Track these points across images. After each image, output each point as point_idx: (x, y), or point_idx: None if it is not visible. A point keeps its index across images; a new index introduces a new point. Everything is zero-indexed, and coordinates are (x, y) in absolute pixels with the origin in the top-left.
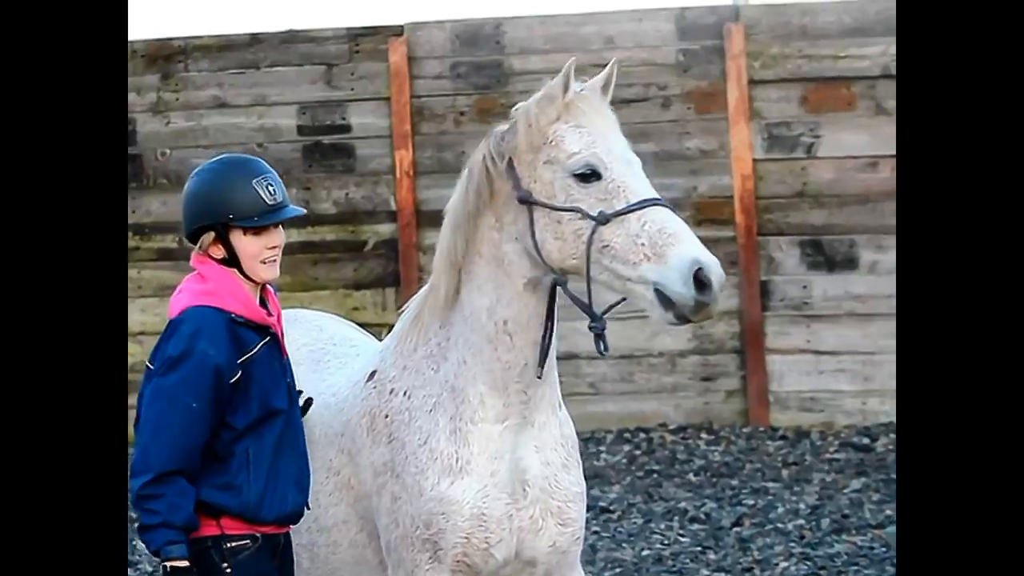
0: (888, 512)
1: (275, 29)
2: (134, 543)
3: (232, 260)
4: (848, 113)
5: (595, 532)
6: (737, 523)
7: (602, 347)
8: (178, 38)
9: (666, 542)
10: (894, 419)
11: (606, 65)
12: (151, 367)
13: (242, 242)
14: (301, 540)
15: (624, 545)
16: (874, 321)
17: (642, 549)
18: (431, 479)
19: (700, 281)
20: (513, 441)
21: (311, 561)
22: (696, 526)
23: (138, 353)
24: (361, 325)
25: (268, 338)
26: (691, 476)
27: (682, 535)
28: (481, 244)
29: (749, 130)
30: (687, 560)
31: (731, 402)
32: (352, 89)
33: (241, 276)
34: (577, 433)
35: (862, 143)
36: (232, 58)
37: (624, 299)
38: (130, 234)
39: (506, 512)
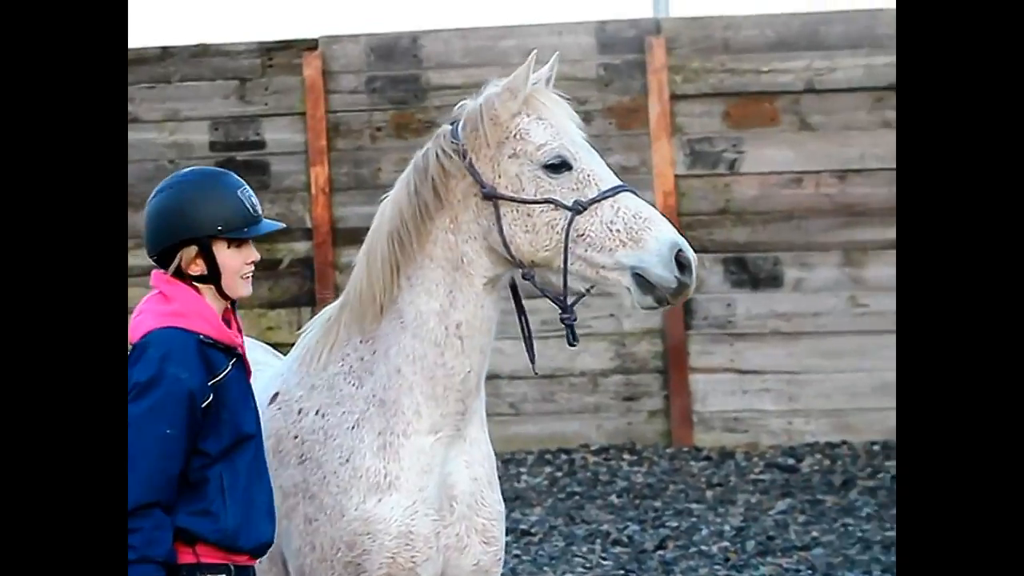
0: (814, 534)
1: (187, 43)
2: None
3: (211, 277)
4: (771, 128)
5: (516, 555)
6: (660, 546)
7: (571, 338)
8: None
9: (588, 565)
10: (819, 439)
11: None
12: None
13: (225, 256)
14: None
15: (545, 568)
16: (799, 340)
17: (564, 573)
18: (355, 498)
19: (680, 263)
20: (443, 454)
21: None
22: (619, 549)
23: None
24: (275, 345)
25: (235, 359)
26: (613, 498)
27: (604, 558)
28: (433, 248)
29: (671, 146)
30: None
31: (654, 422)
32: (266, 104)
33: (210, 295)
34: (497, 455)
35: (786, 159)
36: (143, 72)
37: (591, 288)
38: None
39: (433, 529)
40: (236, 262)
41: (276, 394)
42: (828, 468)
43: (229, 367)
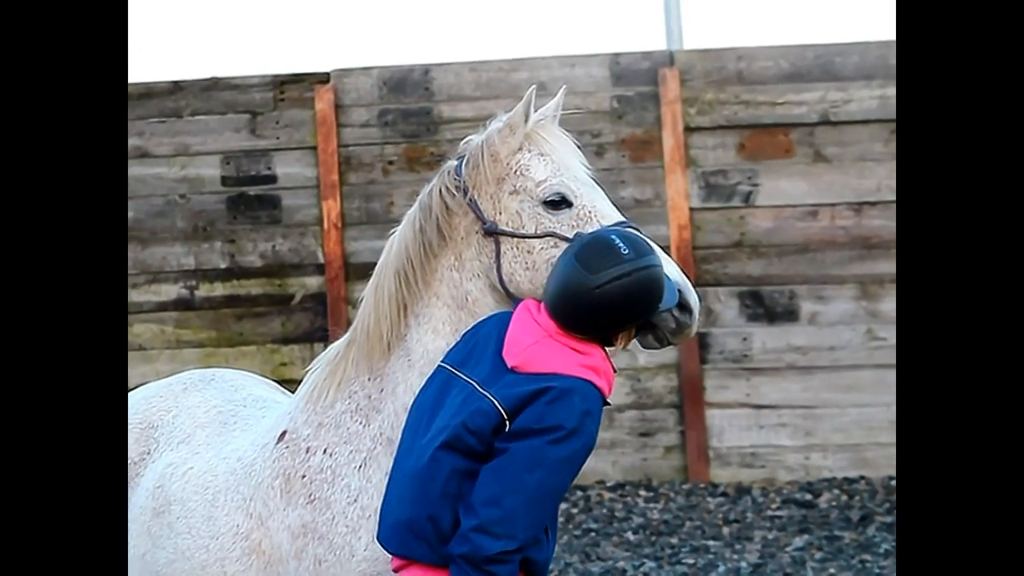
0: (832, 570)
1: (198, 76)
2: None
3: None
4: (786, 160)
5: None
6: None
7: None
8: None
9: None
10: (836, 474)
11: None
12: (507, 419)
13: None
14: None
15: None
16: (815, 374)
17: None
18: (364, 538)
19: (682, 304)
20: None
21: None
22: None
23: None
24: (288, 381)
25: None
26: (629, 535)
27: None
28: (439, 286)
29: (685, 178)
30: None
31: (670, 458)
32: (277, 138)
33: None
34: None
35: (801, 191)
36: (153, 106)
37: None
38: None
39: None
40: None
41: (284, 432)
42: (846, 504)
43: None
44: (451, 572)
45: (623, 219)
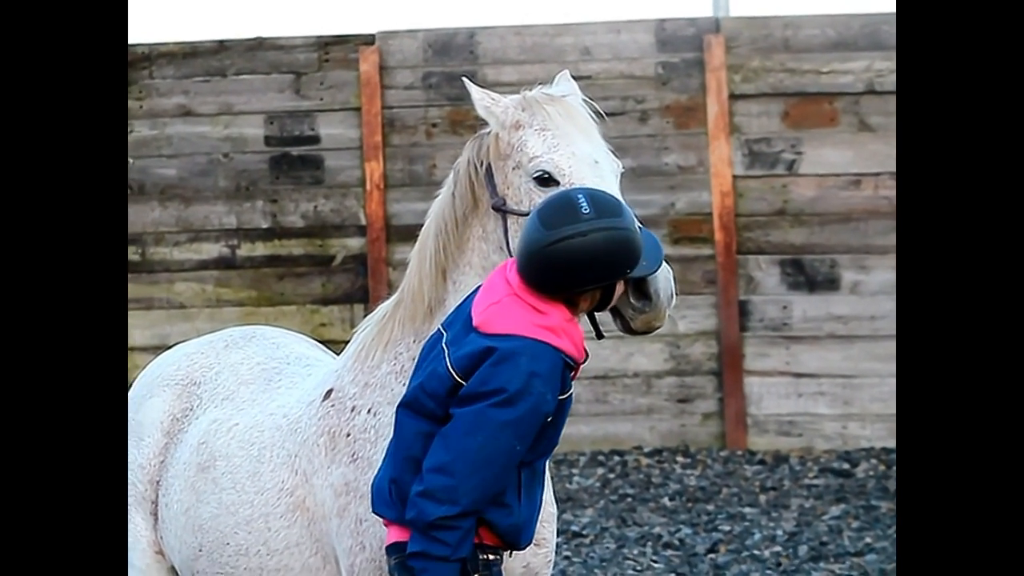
0: (868, 540)
1: (242, 36)
2: None
3: (601, 306)
4: (830, 129)
5: (566, 557)
6: (712, 549)
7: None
8: (142, 44)
9: (639, 568)
10: (875, 444)
11: (582, 78)
12: (457, 379)
13: (618, 286)
14: (249, 564)
15: (596, 571)
16: (855, 343)
17: (615, 575)
18: None
19: (639, 286)
20: None
21: None
22: (670, 552)
23: None
24: (328, 342)
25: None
26: (666, 501)
27: (655, 561)
28: (472, 255)
29: (729, 146)
30: None
31: (708, 425)
32: (321, 99)
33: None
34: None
35: (845, 160)
36: (198, 65)
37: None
38: None
39: None
40: (620, 285)
41: (330, 390)
42: (883, 474)
43: (572, 384)
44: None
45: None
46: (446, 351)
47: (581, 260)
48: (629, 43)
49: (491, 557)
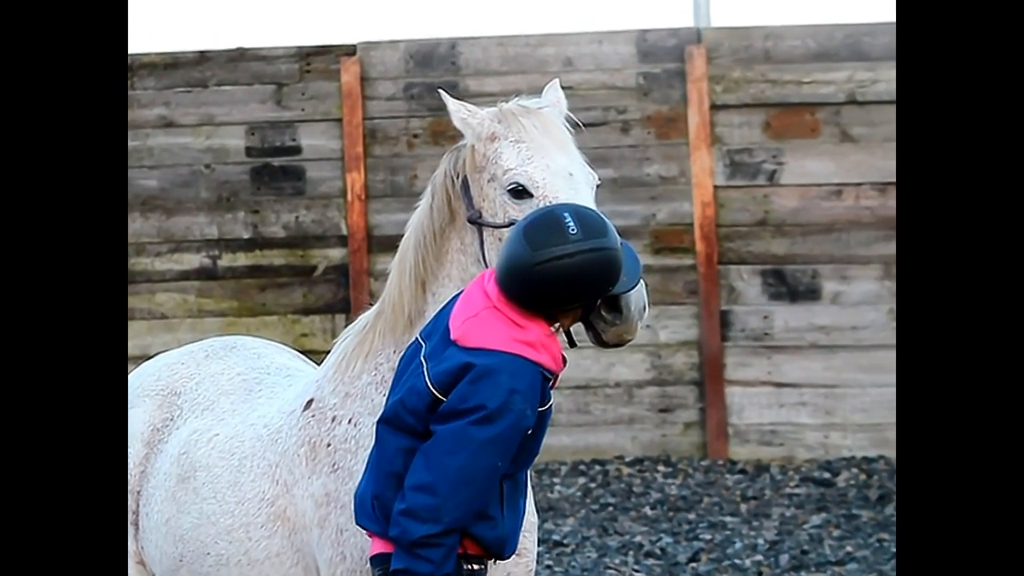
0: (849, 549)
1: (224, 47)
2: None
3: (580, 319)
4: (812, 140)
5: (548, 566)
6: (694, 558)
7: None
8: None
9: None
10: (856, 454)
11: (564, 88)
12: (437, 395)
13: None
14: (229, 574)
15: None
16: (837, 353)
17: None
18: None
19: (611, 301)
20: None
21: None
22: (652, 561)
23: None
24: (310, 352)
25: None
26: (647, 510)
27: (637, 570)
28: (451, 267)
29: (710, 156)
30: None
31: (689, 434)
32: (303, 109)
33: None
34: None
35: (826, 171)
36: (179, 76)
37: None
38: None
39: None
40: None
41: (311, 401)
42: (864, 483)
43: (551, 396)
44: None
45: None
46: (425, 365)
47: (568, 281)
48: (611, 54)
49: (475, 567)
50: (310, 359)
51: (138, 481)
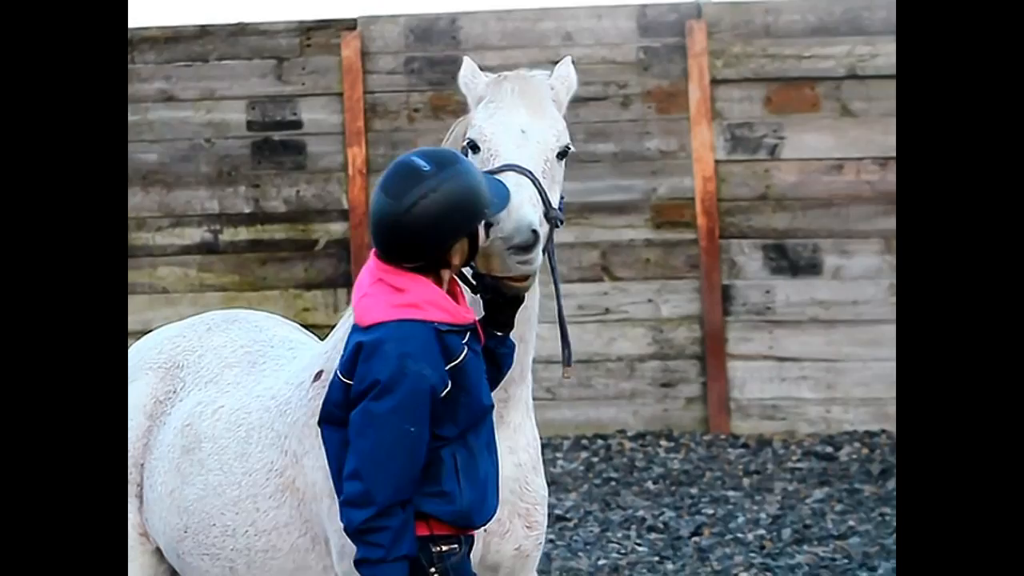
0: (851, 523)
1: (224, 21)
2: None
3: (471, 258)
4: (812, 114)
5: (551, 541)
6: (696, 532)
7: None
8: None
9: (623, 551)
10: (857, 428)
11: (562, 61)
12: (347, 382)
13: (479, 236)
14: (236, 544)
15: (580, 554)
16: (838, 327)
17: (598, 559)
18: None
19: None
20: None
21: (247, 567)
22: (654, 535)
23: None
24: (311, 326)
25: (468, 335)
26: (650, 484)
27: (639, 544)
28: None
29: (711, 131)
30: (644, 570)
31: (691, 409)
32: (303, 84)
33: (439, 280)
34: None
35: (827, 145)
36: (180, 50)
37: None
38: None
39: None
40: (482, 230)
41: (320, 372)
42: (866, 457)
43: (465, 348)
44: None
45: (517, 163)
46: (340, 357)
47: (440, 217)
48: (611, 28)
49: (444, 548)
50: (312, 333)
51: (141, 453)
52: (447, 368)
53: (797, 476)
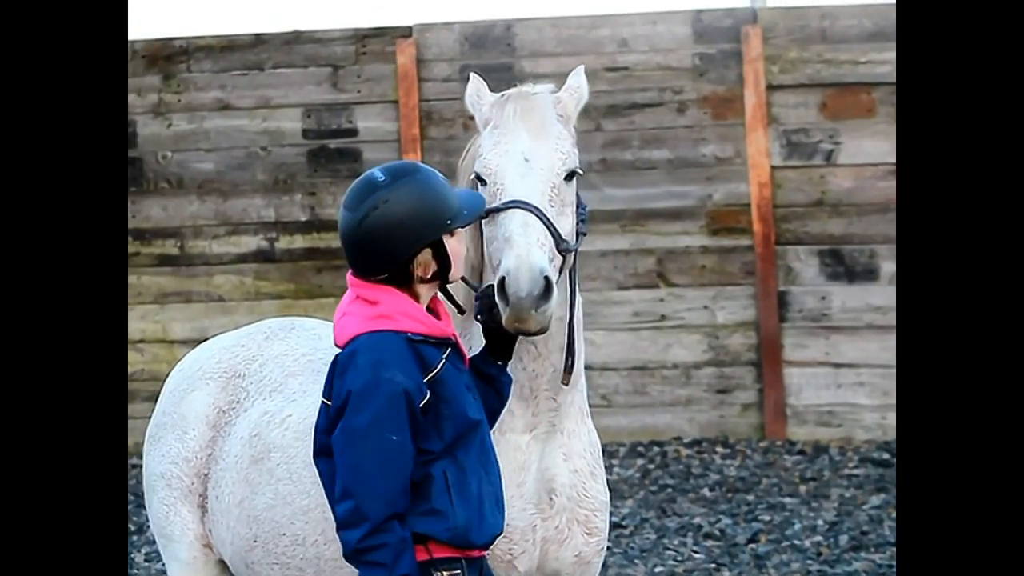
0: None
1: (280, 29)
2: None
3: (442, 272)
4: (868, 120)
5: (607, 548)
6: (753, 539)
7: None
8: (180, 38)
9: (679, 559)
10: None
11: (619, 69)
12: (328, 403)
13: (452, 245)
14: (306, 553)
15: (636, 561)
16: (894, 333)
17: (655, 566)
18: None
19: (504, 291)
20: (540, 450)
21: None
22: (710, 542)
23: (138, 362)
24: None
25: (449, 350)
26: (706, 491)
27: (696, 551)
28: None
29: (767, 136)
30: None
31: (747, 416)
32: (359, 91)
33: (424, 290)
34: None
35: (882, 150)
36: (235, 59)
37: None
38: (129, 239)
39: (530, 523)
40: (460, 250)
41: None
42: None
43: (443, 360)
44: None
45: (524, 200)
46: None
47: (392, 227)
48: (666, 34)
49: (446, 573)
50: None
51: (205, 464)
52: (425, 379)
53: (854, 482)
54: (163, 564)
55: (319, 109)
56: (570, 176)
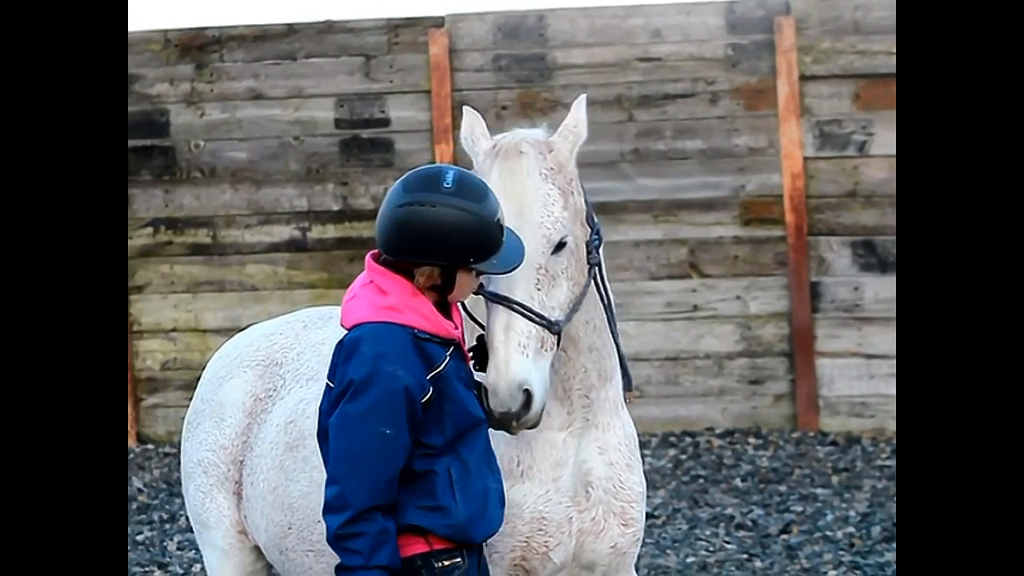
0: None
1: (312, 19)
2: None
3: (442, 289)
4: None
5: None
6: (785, 530)
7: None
8: (213, 27)
9: (711, 549)
10: None
11: (652, 60)
12: (331, 385)
13: (463, 278)
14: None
15: (668, 552)
16: None
17: (687, 556)
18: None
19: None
20: (576, 445)
21: None
22: (742, 533)
23: (171, 351)
24: None
25: (452, 348)
26: (738, 482)
27: (728, 542)
28: None
29: (799, 127)
30: (733, 568)
31: (779, 406)
32: (391, 81)
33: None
34: None
35: None
36: (268, 49)
37: None
38: (162, 228)
39: (566, 515)
40: (470, 286)
41: None
42: None
43: (447, 359)
44: None
45: (502, 295)
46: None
47: (424, 229)
48: (699, 25)
49: (446, 563)
50: None
51: (240, 451)
52: (429, 377)
53: (886, 474)
54: (196, 552)
55: (351, 99)
56: (559, 247)
